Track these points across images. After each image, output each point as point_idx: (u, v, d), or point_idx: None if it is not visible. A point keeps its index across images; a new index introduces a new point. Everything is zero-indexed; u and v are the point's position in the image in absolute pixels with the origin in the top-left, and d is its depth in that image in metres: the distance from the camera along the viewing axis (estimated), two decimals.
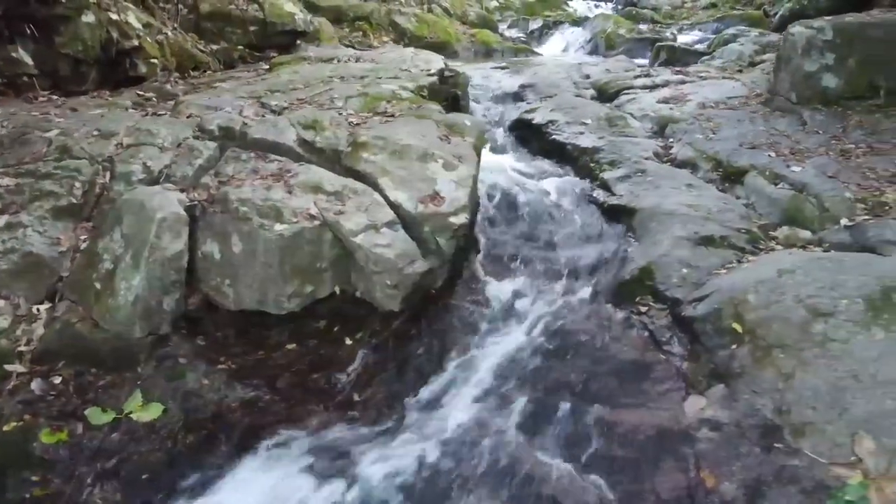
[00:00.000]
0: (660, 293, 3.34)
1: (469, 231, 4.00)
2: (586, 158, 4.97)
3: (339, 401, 3.19)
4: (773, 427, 2.60)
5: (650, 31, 11.55)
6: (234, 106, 4.68)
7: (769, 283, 3.03)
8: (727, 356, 2.88)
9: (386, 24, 10.91)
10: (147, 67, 6.29)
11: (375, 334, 3.48)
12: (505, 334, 3.41)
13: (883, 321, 2.77)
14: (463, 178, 3.82)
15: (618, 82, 6.87)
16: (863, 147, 4.55)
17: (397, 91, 4.98)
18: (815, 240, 3.69)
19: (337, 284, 3.61)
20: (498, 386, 3.06)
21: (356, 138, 4.08)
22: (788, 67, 5.28)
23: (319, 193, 3.68)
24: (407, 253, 3.45)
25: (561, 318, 3.40)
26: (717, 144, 4.87)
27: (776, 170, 4.28)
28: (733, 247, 3.60)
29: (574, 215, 4.40)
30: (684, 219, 3.82)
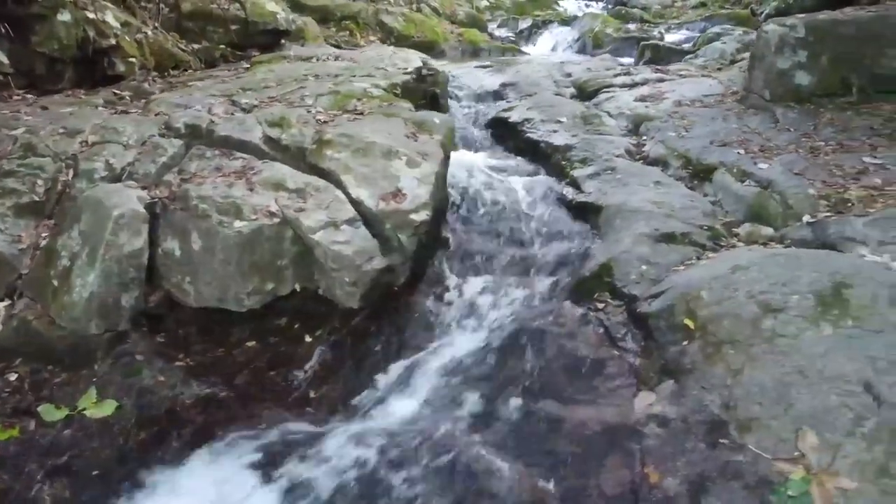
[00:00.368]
0: (617, 290, 3.33)
1: (435, 228, 4.00)
2: (559, 156, 4.97)
3: (295, 398, 3.19)
4: (719, 423, 2.59)
5: (638, 30, 11.54)
6: (205, 104, 4.68)
7: (723, 279, 3.02)
8: (678, 352, 2.87)
9: (373, 23, 10.91)
10: (125, 66, 6.28)
11: (335, 331, 3.49)
12: (463, 331, 3.41)
13: (832, 317, 2.76)
14: (426, 175, 3.82)
15: (598, 81, 6.86)
16: (832, 144, 4.54)
17: (369, 89, 4.98)
18: (777, 236, 3.68)
19: (299, 282, 3.61)
20: (451, 382, 3.06)
21: (322, 136, 4.08)
22: (762, 65, 5.27)
23: (281, 191, 3.68)
24: (365, 250, 3.45)
25: (519, 315, 3.40)
26: (689, 142, 4.86)
27: (744, 167, 4.27)
28: (694, 243, 3.59)
29: (543, 213, 4.39)
30: (648, 216, 3.81)
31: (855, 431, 2.43)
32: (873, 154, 4.33)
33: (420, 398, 3.00)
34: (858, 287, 2.86)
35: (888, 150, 4.36)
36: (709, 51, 8.14)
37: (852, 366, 2.58)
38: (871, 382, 2.53)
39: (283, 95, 4.86)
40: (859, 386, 2.53)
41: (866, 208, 3.65)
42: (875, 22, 4.90)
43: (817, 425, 2.49)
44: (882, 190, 3.87)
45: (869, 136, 4.60)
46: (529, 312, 3.40)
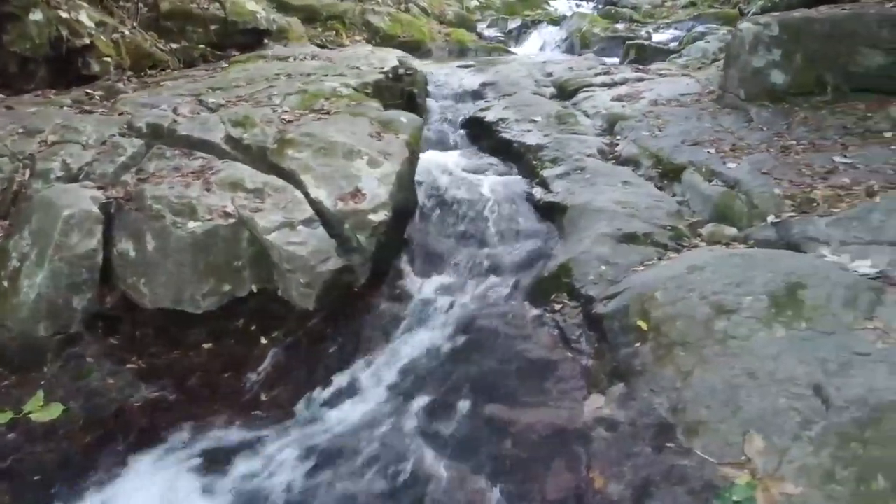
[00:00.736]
0: (575, 290, 3.29)
1: (398, 228, 3.96)
2: (530, 156, 4.93)
3: (246, 400, 3.14)
4: (667, 426, 2.54)
5: (626, 29, 11.48)
6: (171, 104, 4.64)
7: (678, 279, 2.98)
8: (630, 354, 2.83)
9: (360, 23, 10.86)
10: (100, 66, 6.24)
11: (290, 333, 3.44)
12: (420, 332, 3.36)
13: (785, 318, 2.72)
14: (386, 175, 3.78)
15: (578, 80, 6.82)
16: (804, 143, 4.49)
17: (338, 88, 4.94)
18: (741, 237, 3.63)
19: (257, 283, 3.57)
20: (403, 384, 3.01)
21: (284, 135, 4.03)
22: (737, 64, 5.23)
23: (239, 191, 3.63)
24: (321, 250, 3.40)
25: (477, 316, 3.35)
26: (661, 141, 4.81)
27: (712, 166, 4.23)
28: (656, 244, 3.55)
29: (510, 213, 4.35)
30: (611, 216, 3.76)
31: (802, 435, 2.39)
32: (844, 153, 4.28)
33: (370, 401, 2.95)
34: (813, 288, 2.82)
35: (859, 150, 4.31)
36: (692, 50, 8.09)
37: (803, 368, 2.54)
38: (820, 385, 2.48)
39: (251, 95, 4.81)
40: (809, 389, 2.48)
41: (831, 208, 3.61)
42: (849, 20, 4.85)
43: (765, 429, 2.44)
44: (849, 189, 3.82)
45: (841, 135, 4.56)
46: (487, 313, 3.35)
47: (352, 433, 2.80)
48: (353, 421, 2.86)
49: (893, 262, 3.03)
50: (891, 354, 2.52)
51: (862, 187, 3.83)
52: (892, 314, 2.70)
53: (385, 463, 2.61)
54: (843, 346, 2.58)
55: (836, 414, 2.39)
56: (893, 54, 4.73)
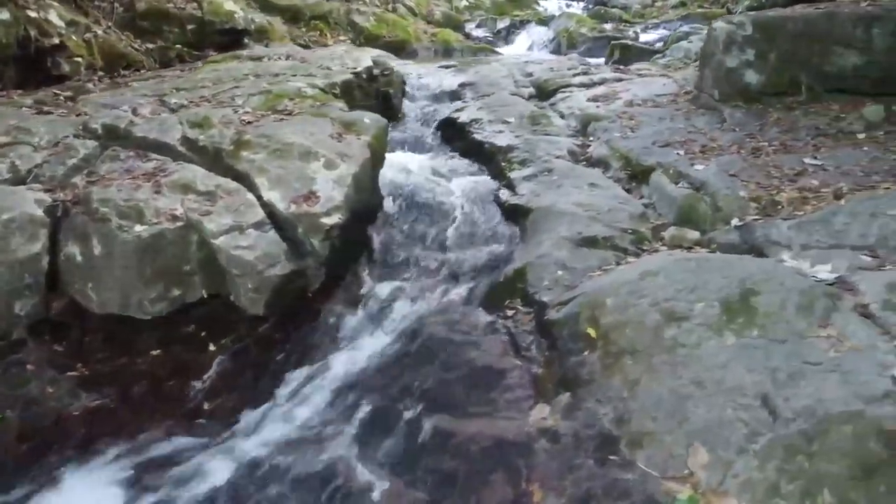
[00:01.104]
0: (529, 296, 3.20)
1: (356, 231, 3.87)
2: (500, 157, 4.84)
3: (189, 409, 3.06)
4: (610, 438, 2.46)
5: (614, 30, 11.41)
6: (133, 104, 4.56)
7: (630, 285, 2.89)
8: (578, 362, 2.74)
9: (344, 23, 10.78)
10: (70, 66, 6.17)
11: (240, 339, 3.35)
12: (371, 339, 3.28)
13: (736, 325, 2.63)
14: (342, 177, 3.69)
15: (556, 81, 6.73)
16: (776, 145, 4.41)
17: (304, 89, 4.85)
18: (704, 240, 3.55)
19: (209, 288, 3.48)
20: (347, 393, 2.93)
21: (241, 137, 3.95)
22: (711, 64, 5.15)
23: (190, 193, 3.55)
24: (270, 255, 3.32)
25: (430, 322, 3.26)
26: (632, 142, 4.73)
27: (680, 168, 4.14)
28: (616, 248, 3.46)
29: (476, 216, 4.26)
30: (573, 219, 3.68)
31: (748, 448, 2.30)
32: (815, 155, 4.20)
33: (312, 410, 2.87)
34: (767, 294, 2.73)
35: (830, 151, 4.23)
36: (675, 50, 8.02)
37: (751, 377, 2.45)
38: (768, 395, 2.40)
39: (215, 95, 4.73)
40: (757, 399, 2.40)
41: (795, 211, 3.53)
42: (823, 19, 4.77)
43: (710, 441, 2.35)
44: (817, 192, 3.74)
45: (814, 136, 4.48)
46: (440, 319, 3.27)
47: (289, 444, 2.71)
48: (292, 431, 2.78)
49: (853, 267, 2.95)
50: (843, 363, 2.44)
51: (830, 190, 3.75)
52: (847, 321, 2.62)
53: (319, 476, 2.52)
54: (794, 354, 2.50)
55: (784, 426, 2.31)
56: (867, 54, 4.65)
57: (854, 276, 2.87)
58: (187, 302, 3.47)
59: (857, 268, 2.94)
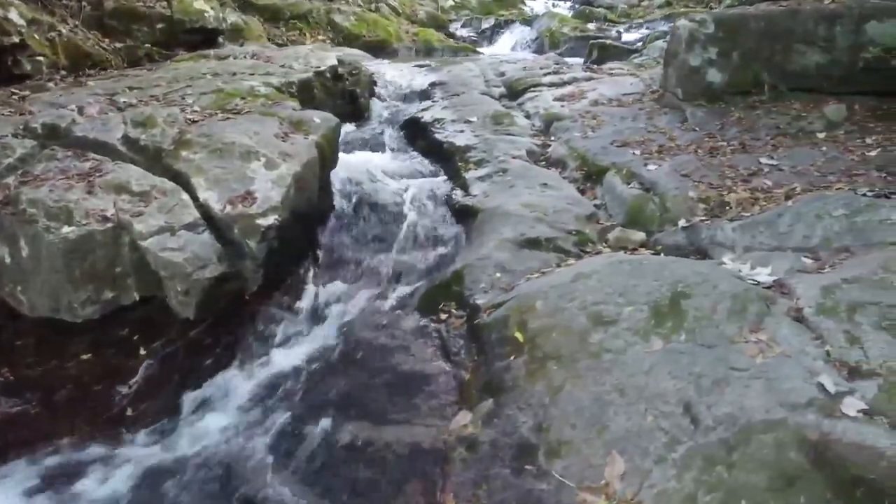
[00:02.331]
0: (464, 299, 3.12)
1: (299, 232, 3.78)
2: (458, 157, 4.76)
3: (112, 415, 2.98)
4: (529, 447, 2.37)
5: (597, 29, 11.33)
6: (82, 103, 4.46)
7: (561, 288, 2.81)
8: (503, 368, 2.66)
9: (325, 23, 10.70)
10: (32, 65, 6.08)
11: (170, 343, 3.27)
12: (301, 343, 3.20)
13: (664, 330, 2.55)
14: (282, 178, 3.60)
15: (527, 80, 6.65)
16: (734, 144, 4.33)
17: (257, 87, 4.77)
18: (650, 242, 3.47)
19: (143, 290, 3.39)
20: (270, 399, 2.85)
21: (183, 136, 3.86)
22: (675, 63, 5.07)
23: (124, 193, 3.46)
24: (200, 257, 3.23)
25: (364, 326, 3.19)
26: (591, 142, 4.65)
27: (633, 168, 4.06)
28: (558, 249, 3.38)
29: (426, 217, 4.18)
30: (518, 220, 3.60)
31: (667, 457, 2.22)
32: (772, 155, 4.12)
33: (231, 418, 2.79)
34: (699, 297, 2.65)
35: (788, 151, 4.15)
36: (651, 49, 7.94)
37: (675, 384, 2.37)
38: (690, 403, 2.31)
39: (166, 94, 4.64)
40: (679, 406, 2.31)
41: (743, 212, 3.44)
42: (785, 17, 4.69)
43: (629, 450, 2.27)
44: (768, 192, 3.66)
45: (773, 135, 4.40)
46: (374, 323, 3.19)
47: (202, 453, 2.64)
48: (209, 440, 2.70)
49: (792, 270, 2.87)
50: (769, 369, 2.36)
51: (782, 191, 3.66)
52: (779, 325, 2.53)
53: (229, 488, 2.44)
54: (720, 360, 2.41)
55: (704, 434, 2.22)
56: (830, 52, 4.57)
57: (792, 279, 2.79)
58: (122, 305, 3.39)
59: (796, 270, 2.86)
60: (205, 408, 2.88)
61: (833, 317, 2.51)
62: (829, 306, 2.56)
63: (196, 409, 2.88)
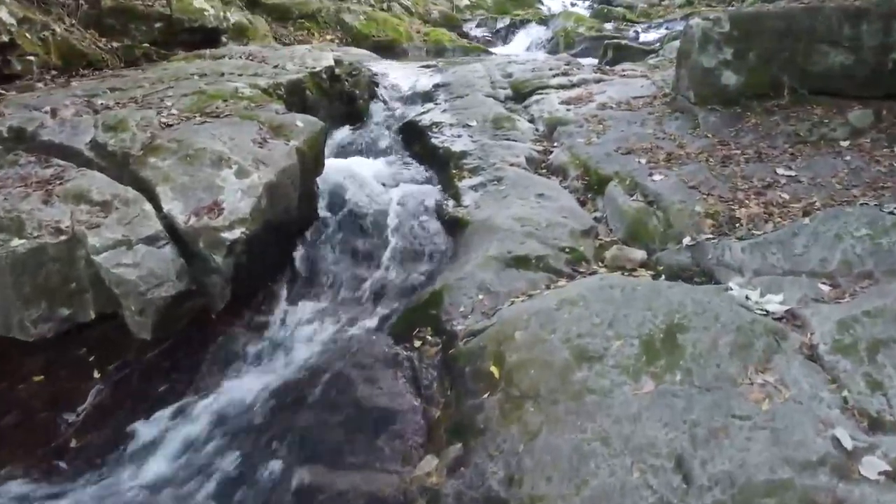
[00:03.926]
0: (441, 325, 2.83)
1: (276, 245, 3.53)
2: (452, 164, 4.47)
3: (55, 447, 2.74)
4: (497, 502, 2.08)
5: (615, 29, 10.98)
6: (57, 105, 4.25)
7: (543, 316, 2.51)
8: (475, 407, 2.37)
9: (334, 22, 10.48)
10: (22, 65, 5.90)
11: (125, 366, 3.04)
12: (265, 370, 2.94)
13: (656, 368, 2.24)
14: (252, 187, 3.35)
15: (534, 82, 6.33)
16: (749, 152, 3.99)
17: (241, 89, 4.52)
18: (651, 261, 3.16)
19: (100, 307, 3.15)
20: (220, 435, 2.59)
21: (153, 141, 3.62)
22: (688, 64, 4.73)
23: (83, 203, 3.23)
24: (156, 274, 2.98)
25: (332, 352, 2.92)
26: (595, 149, 4.33)
27: (637, 178, 3.75)
28: (549, 269, 3.08)
29: (413, 229, 3.91)
30: (507, 235, 3.30)
31: None
32: (790, 164, 3.79)
33: (177, 456, 2.54)
34: (697, 330, 2.34)
35: (808, 160, 3.81)
36: (668, 50, 7.58)
37: (666, 434, 2.07)
38: (683, 457, 2.01)
39: (146, 96, 4.41)
40: (670, 461, 2.02)
41: (754, 229, 3.12)
42: (807, 15, 4.33)
43: None
44: (784, 206, 3.33)
45: (792, 143, 4.06)
46: (343, 349, 2.91)
47: (145, 496, 2.37)
48: (150, 481, 2.44)
49: (806, 299, 2.55)
50: (776, 418, 2.05)
51: (800, 205, 3.34)
52: (789, 365, 2.22)
53: None
54: (720, 405, 2.11)
55: (697, 496, 1.93)
56: (855, 53, 4.21)
57: (806, 310, 2.47)
58: (79, 322, 3.16)
59: (811, 299, 2.54)
60: (152, 443, 2.62)
61: (852, 356, 2.20)
62: (848, 343, 2.24)
63: (143, 444, 2.63)
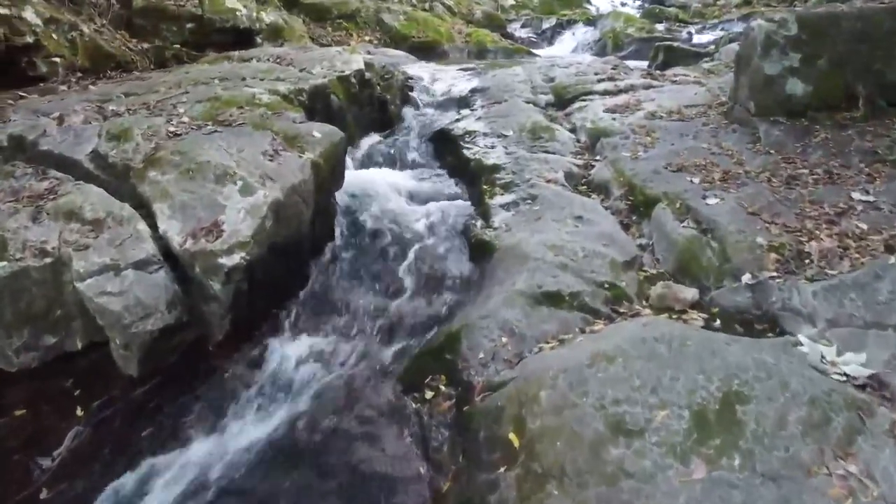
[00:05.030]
0: (456, 373, 2.47)
1: (285, 269, 3.22)
2: (484, 179, 4.10)
3: (27, 495, 2.45)
4: None
5: (666, 30, 10.44)
6: (69, 110, 4.02)
7: (574, 374, 2.12)
8: (489, 483, 2.00)
9: (373, 22, 10.20)
10: (48, 67, 5.75)
11: (110, 403, 2.75)
12: (259, 417, 2.61)
13: (710, 449, 1.84)
14: (256, 207, 3.03)
15: (577, 87, 5.92)
16: (818, 172, 3.52)
17: (259, 95, 4.23)
18: (705, 301, 2.74)
19: (93, 335, 2.88)
20: (202, 496, 2.26)
21: (156, 152, 3.35)
22: (748, 71, 4.26)
23: (74, 221, 2.96)
24: (142, 304, 2.69)
25: (334, 399, 2.59)
26: (641, 164, 3.91)
27: (689, 201, 3.32)
28: (584, 308, 2.68)
29: (439, 252, 3.56)
30: (538, 265, 2.92)
31: None
32: (867, 188, 3.31)
33: None
34: (761, 401, 1.92)
35: (887, 182, 3.33)
36: (724, 53, 7.06)
37: None
38: None
39: (160, 101, 4.16)
40: None
41: (827, 267, 2.67)
42: (888, 16, 3.83)
43: None
44: (862, 239, 2.87)
45: (869, 162, 3.57)
46: (347, 396, 2.58)
47: None
48: None
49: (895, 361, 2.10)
50: None
51: (881, 237, 2.87)
52: (877, 451, 1.79)
53: None
54: (789, 502, 1.69)
55: None
56: None
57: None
58: (68, 351, 2.90)
59: None
60: (126, 496, 2.32)
61: None
62: None
63: (119, 498, 2.33)
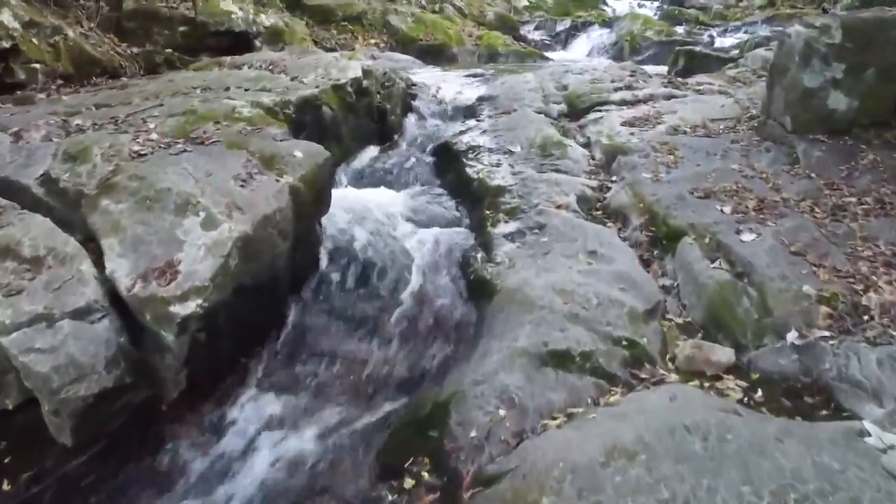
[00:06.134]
0: (443, 457, 2.04)
1: (255, 311, 2.81)
2: (487, 201, 3.68)
3: None
4: None
5: (686, 33, 9.96)
6: (29, 125, 3.64)
7: (585, 475, 1.69)
8: None
9: (379, 24, 9.80)
10: (26, 73, 5.40)
11: (42, 476, 2.35)
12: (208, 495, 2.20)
13: None
14: (218, 243, 2.63)
15: (592, 96, 5.49)
16: (868, 201, 3.08)
17: (240, 108, 3.83)
18: (743, 362, 2.30)
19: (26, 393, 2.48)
20: None
21: (112, 177, 2.95)
22: (784, 82, 3.81)
23: (10, 259, 2.58)
24: (76, 364, 2.29)
25: (298, 482, 2.16)
26: (664, 189, 3.47)
27: (720, 235, 2.88)
28: (597, 372, 2.25)
29: (433, 290, 3.15)
30: (544, 315, 2.49)
31: None
32: None
33: None
34: None
35: None
36: (751, 59, 6.60)
37: None
38: None
39: (130, 115, 3.77)
40: None
41: (892, 326, 2.22)
42: None
43: None
44: None
45: None
46: (311, 478, 2.16)
47: None
48: None
49: None
50: None
51: None
52: None
53: None
54: None
55: None
56: None
57: None
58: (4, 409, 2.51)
59: None
60: None
61: None
62: None
63: None
